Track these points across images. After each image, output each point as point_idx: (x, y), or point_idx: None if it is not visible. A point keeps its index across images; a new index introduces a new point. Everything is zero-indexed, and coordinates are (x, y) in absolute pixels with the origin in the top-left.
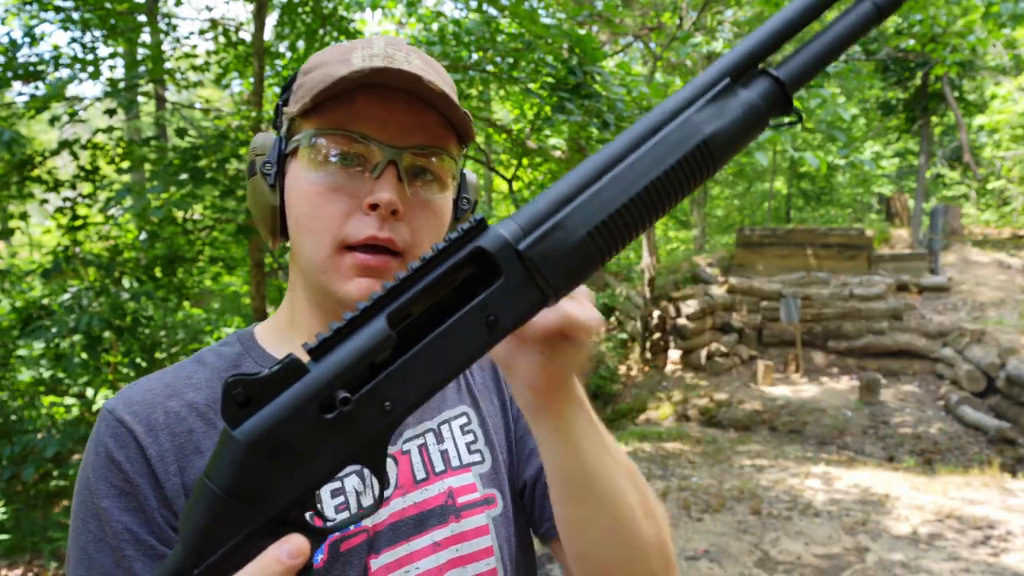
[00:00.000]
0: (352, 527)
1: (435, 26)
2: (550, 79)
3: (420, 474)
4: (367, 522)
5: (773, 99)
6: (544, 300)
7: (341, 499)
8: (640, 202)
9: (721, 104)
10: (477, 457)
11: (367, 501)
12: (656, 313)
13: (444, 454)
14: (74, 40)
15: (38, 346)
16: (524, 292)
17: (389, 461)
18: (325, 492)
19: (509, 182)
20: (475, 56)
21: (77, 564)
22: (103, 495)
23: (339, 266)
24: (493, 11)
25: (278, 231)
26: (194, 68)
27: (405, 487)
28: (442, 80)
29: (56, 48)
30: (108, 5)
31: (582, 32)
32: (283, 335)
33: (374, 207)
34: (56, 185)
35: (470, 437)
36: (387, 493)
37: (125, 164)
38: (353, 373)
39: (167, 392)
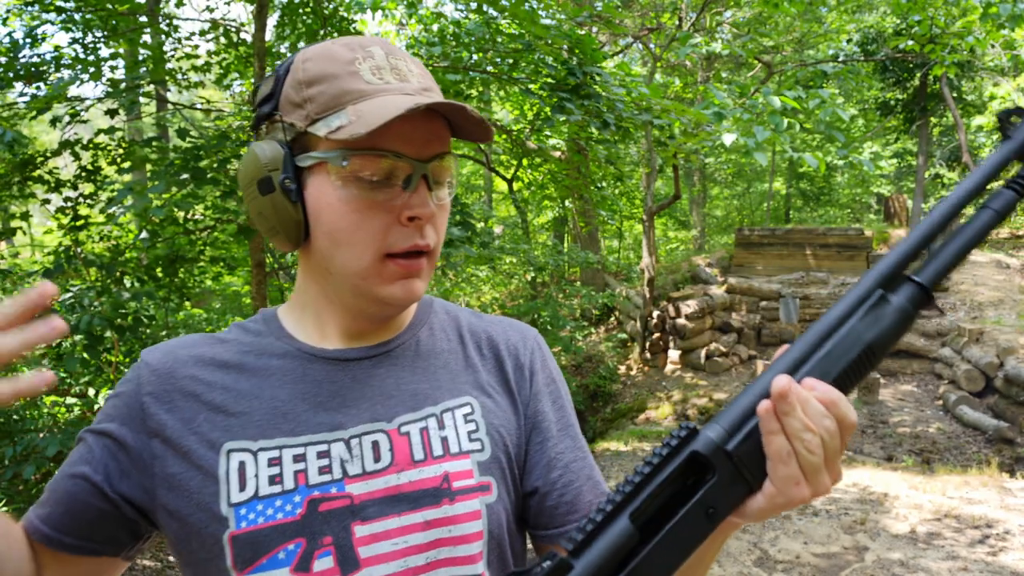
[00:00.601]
0: (334, 491)
1: (435, 27)
2: (550, 79)
3: (418, 455)
4: (352, 490)
5: (919, 301)
6: (751, 490)
7: (326, 462)
8: None
9: (877, 313)
10: (477, 445)
11: (352, 469)
12: (656, 313)
13: (444, 440)
14: (75, 41)
15: (39, 346)
16: (734, 486)
17: (384, 438)
18: (311, 452)
19: (509, 182)
20: (475, 57)
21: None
22: (106, 417)
23: (382, 273)
24: (493, 12)
25: (300, 241)
26: (195, 69)
27: (401, 464)
28: (439, 91)
29: (57, 49)
30: (109, 6)
31: (582, 33)
32: (300, 315)
33: (412, 219)
34: (57, 185)
35: (472, 426)
36: (380, 467)
37: (126, 164)
38: (609, 568)
39: (184, 346)
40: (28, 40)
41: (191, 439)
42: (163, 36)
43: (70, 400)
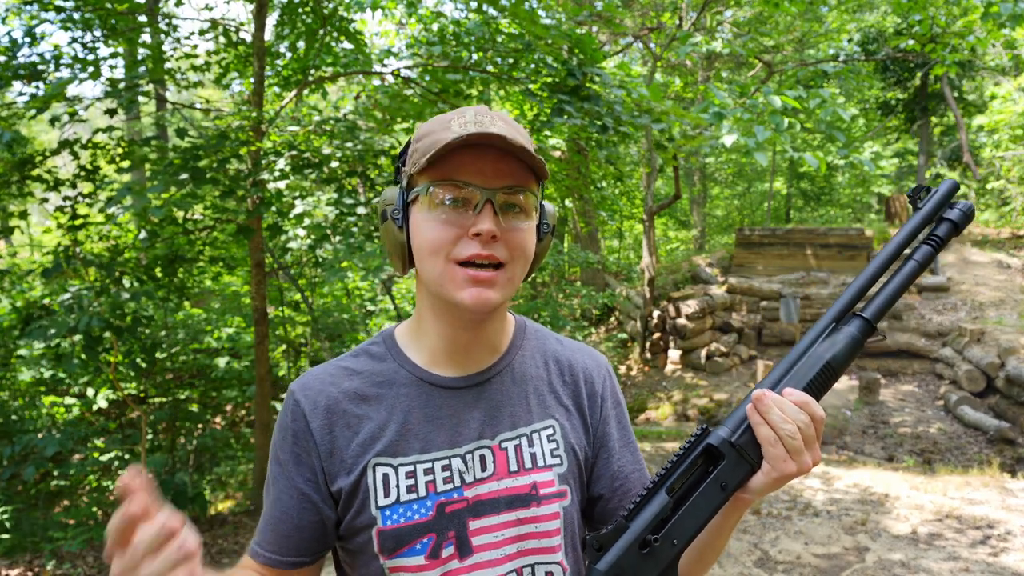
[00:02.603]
0: (455, 496)
1: (435, 26)
2: (550, 79)
3: (513, 467)
4: (468, 494)
5: (864, 329)
6: (752, 469)
7: (448, 474)
8: None
9: (832, 339)
10: (557, 460)
11: (468, 478)
12: (656, 313)
13: (533, 456)
14: (75, 40)
15: (38, 346)
16: (739, 467)
17: (488, 452)
18: (437, 466)
19: None
20: (475, 56)
21: (265, 490)
22: (282, 450)
23: (453, 277)
24: (493, 12)
25: (407, 262)
26: (194, 68)
27: (500, 474)
28: (521, 136)
29: (56, 48)
30: (109, 5)
31: (582, 32)
32: (413, 336)
33: (476, 234)
34: (56, 184)
35: (554, 444)
36: (486, 475)
37: (125, 164)
38: (652, 526)
39: (330, 380)
40: (27, 39)
41: (349, 459)
42: (162, 35)
43: (69, 400)
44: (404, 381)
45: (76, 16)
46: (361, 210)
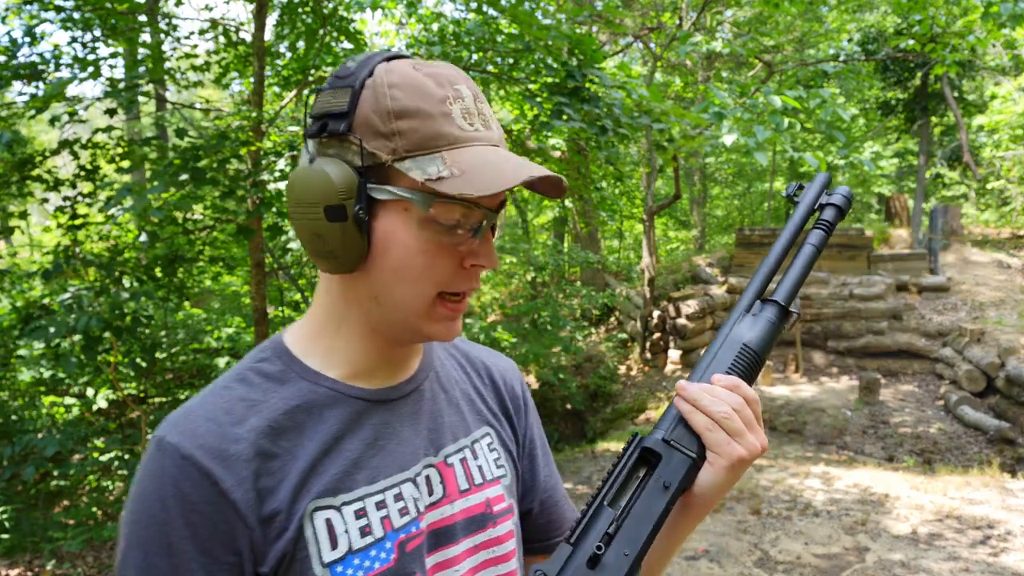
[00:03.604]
0: (414, 529)
1: (435, 26)
2: (549, 80)
3: (463, 484)
4: (423, 524)
5: (777, 312)
6: (696, 463)
7: (402, 504)
8: None
9: (745, 322)
10: (502, 471)
11: (421, 505)
12: (656, 313)
13: (480, 469)
14: (74, 40)
15: (38, 346)
16: (679, 462)
17: (434, 472)
18: (389, 497)
19: None
20: (475, 56)
21: None
22: (174, 534)
23: (432, 313)
24: (493, 12)
25: (354, 269)
26: (194, 68)
27: (452, 495)
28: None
29: (56, 48)
30: (109, 5)
31: (582, 33)
32: (317, 347)
33: (475, 265)
34: (56, 184)
35: (495, 454)
36: (436, 499)
37: (125, 164)
38: (600, 542)
39: (229, 420)
40: (27, 39)
41: (280, 517)
42: (162, 35)
43: (68, 400)
44: (325, 401)
45: (76, 16)
46: None
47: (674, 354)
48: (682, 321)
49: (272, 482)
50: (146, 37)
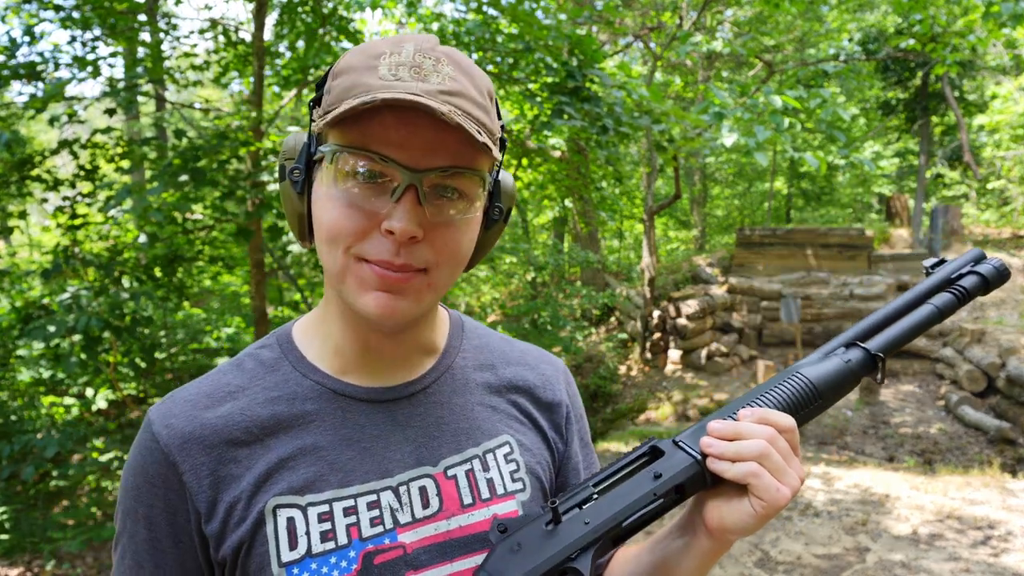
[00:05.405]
0: (387, 542)
1: (435, 26)
2: (549, 80)
3: (467, 499)
4: (404, 539)
5: (863, 361)
6: (695, 461)
7: (376, 513)
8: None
9: (826, 360)
10: (519, 485)
11: (403, 518)
12: (656, 313)
13: (490, 482)
14: (74, 39)
15: (38, 346)
16: (680, 460)
17: (430, 483)
18: (362, 504)
19: None
20: (475, 56)
21: (116, 561)
22: (138, 502)
23: (357, 274)
24: (493, 12)
25: (307, 235)
26: (194, 68)
27: (451, 510)
28: (472, 94)
29: (56, 47)
30: (108, 4)
31: (582, 33)
32: (317, 335)
33: (390, 232)
34: (56, 184)
35: (513, 466)
36: (429, 513)
37: (125, 164)
38: (574, 505)
39: (205, 403)
40: (26, 38)
41: (239, 508)
42: (162, 35)
43: (68, 400)
44: (309, 394)
45: (75, 15)
46: None
47: (674, 354)
48: (682, 321)
49: (237, 470)
50: (145, 36)
